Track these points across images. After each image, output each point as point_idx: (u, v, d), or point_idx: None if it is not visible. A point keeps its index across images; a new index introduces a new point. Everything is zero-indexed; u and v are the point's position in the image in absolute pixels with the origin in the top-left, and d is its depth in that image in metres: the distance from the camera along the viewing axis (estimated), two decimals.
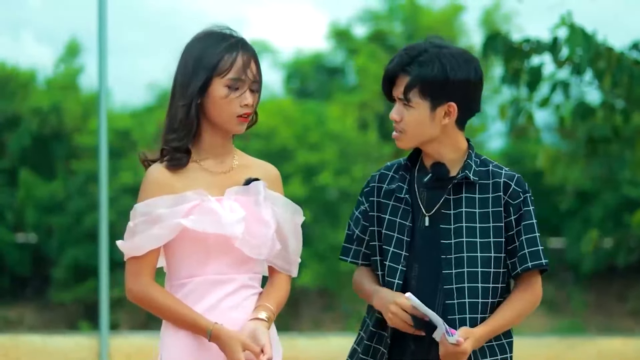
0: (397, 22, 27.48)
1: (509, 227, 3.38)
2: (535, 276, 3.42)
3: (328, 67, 28.54)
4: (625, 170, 9.05)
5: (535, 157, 9.76)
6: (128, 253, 3.32)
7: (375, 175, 3.52)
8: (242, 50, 3.35)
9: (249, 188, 3.36)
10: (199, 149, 3.39)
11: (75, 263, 23.96)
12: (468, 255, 3.35)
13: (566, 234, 25.01)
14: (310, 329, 22.84)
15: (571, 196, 23.43)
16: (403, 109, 3.38)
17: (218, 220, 3.27)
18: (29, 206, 24.73)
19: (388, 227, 3.44)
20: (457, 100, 3.37)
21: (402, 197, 3.42)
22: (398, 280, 3.39)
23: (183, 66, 3.37)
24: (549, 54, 7.12)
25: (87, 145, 24.22)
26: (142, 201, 3.32)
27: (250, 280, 3.36)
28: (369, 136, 24.89)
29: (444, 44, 3.41)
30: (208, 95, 3.33)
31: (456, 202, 3.38)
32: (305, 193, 23.24)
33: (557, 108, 8.02)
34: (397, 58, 3.39)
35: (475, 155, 3.44)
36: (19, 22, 34.32)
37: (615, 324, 24.28)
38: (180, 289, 3.34)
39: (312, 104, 26.27)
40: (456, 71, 3.35)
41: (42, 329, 23.00)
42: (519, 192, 3.39)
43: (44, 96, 25.86)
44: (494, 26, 25.66)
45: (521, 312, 3.40)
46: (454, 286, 3.35)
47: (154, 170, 3.35)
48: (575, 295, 25.28)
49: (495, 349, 3.42)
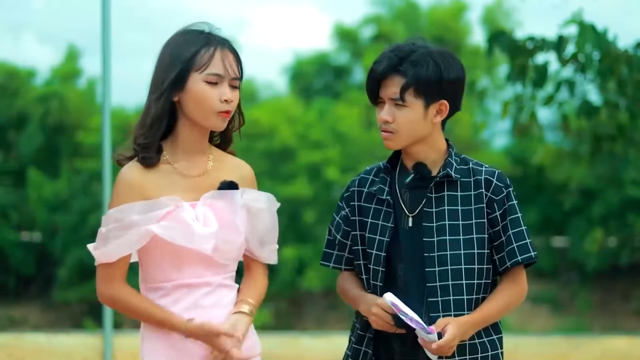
0: (399, 23, 27.50)
1: (494, 223, 3.39)
2: (521, 270, 3.44)
3: (333, 66, 28.57)
4: (629, 170, 9.05)
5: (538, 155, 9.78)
6: (99, 259, 3.30)
7: (355, 180, 3.54)
8: (220, 46, 3.31)
9: (225, 194, 3.32)
10: (174, 147, 3.34)
11: (79, 262, 23.96)
12: (451, 253, 3.36)
13: (570, 232, 24.98)
14: (314, 328, 22.84)
15: (575, 195, 23.41)
16: (394, 109, 3.38)
17: (189, 232, 3.24)
18: (38, 205, 24.74)
19: (371, 230, 3.45)
20: (448, 98, 3.40)
21: (384, 198, 3.43)
22: (380, 283, 3.40)
23: (159, 62, 3.33)
24: (553, 52, 7.11)
25: (90, 144, 24.24)
26: (115, 206, 3.28)
27: (224, 280, 3.36)
28: (373, 135, 24.88)
29: (429, 44, 3.42)
30: (186, 91, 3.28)
31: (438, 200, 3.39)
32: (310, 192, 23.23)
33: (561, 106, 8.00)
34: (384, 59, 3.38)
35: (455, 154, 3.46)
36: (21, 24, 34.37)
37: (620, 323, 24.25)
38: (155, 292, 3.33)
39: (317, 102, 26.27)
40: (449, 70, 3.38)
41: (47, 327, 23.02)
42: (501, 187, 3.40)
43: (46, 90, 25.93)
44: (496, 24, 25.68)
45: (508, 305, 3.42)
46: (438, 284, 3.35)
47: (127, 172, 3.31)
48: (579, 295, 25.25)
49: (487, 344, 3.43)
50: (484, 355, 3.41)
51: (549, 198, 24.72)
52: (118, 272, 3.31)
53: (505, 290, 3.42)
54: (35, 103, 25.62)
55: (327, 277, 22.83)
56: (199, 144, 3.37)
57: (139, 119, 3.34)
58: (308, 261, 22.87)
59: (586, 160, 8.83)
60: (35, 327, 23.21)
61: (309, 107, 26.20)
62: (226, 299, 3.34)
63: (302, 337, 10.44)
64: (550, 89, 7.57)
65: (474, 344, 3.39)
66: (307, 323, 23.22)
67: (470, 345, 3.39)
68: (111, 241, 3.26)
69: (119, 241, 3.25)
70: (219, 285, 3.33)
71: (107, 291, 3.31)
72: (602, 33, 6.68)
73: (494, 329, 3.45)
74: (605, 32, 6.73)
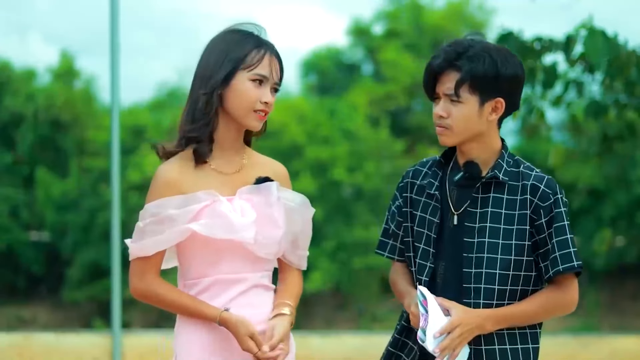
0: (405, 20, 27.62)
1: (540, 229, 3.32)
2: (570, 279, 3.34)
3: (346, 63, 28.61)
4: (638, 169, 9.03)
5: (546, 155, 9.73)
6: (136, 254, 3.33)
7: (410, 171, 3.51)
8: (270, 50, 3.37)
9: (260, 188, 3.36)
10: (213, 142, 3.38)
11: (89, 262, 24.00)
12: (488, 256, 3.30)
13: (578, 232, 24.95)
14: (323, 328, 22.84)
15: (583, 195, 23.38)
16: (450, 105, 3.33)
17: (229, 224, 3.27)
18: (47, 205, 24.78)
19: (419, 223, 3.42)
20: (504, 95, 3.34)
21: (433, 193, 3.40)
22: (425, 278, 3.36)
23: (206, 59, 3.37)
24: (561, 52, 7.10)
25: (99, 143, 24.29)
26: (151, 201, 3.32)
27: (262, 279, 3.38)
28: (380, 133, 24.88)
29: (486, 40, 3.38)
30: (230, 87, 3.33)
31: (483, 201, 3.35)
32: (316, 189, 23.21)
33: (569, 106, 8.00)
34: (442, 54, 3.34)
35: (508, 156, 3.41)
36: (26, 24, 34.44)
37: (629, 323, 24.23)
38: (192, 288, 3.35)
39: (327, 101, 26.30)
40: (506, 66, 3.32)
41: (56, 327, 23.06)
42: (549, 194, 3.33)
43: (49, 89, 26.03)
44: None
45: (544, 309, 3.32)
46: (472, 286, 3.30)
47: (165, 169, 3.35)
48: (588, 294, 25.22)
49: (519, 353, 3.33)
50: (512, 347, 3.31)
51: None
52: (152, 267, 3.33)
53: (543, 294, 3.34)
54: (39, 102, 25.68)
55: (333, 277, 22.82)
56: (235, 142, 3.41)
57: (185, 114, 3.37)
58: (312, 261, 22.88)
59: (594, 160, 8.81)
60: (45, 327, 23.26)
61: (318, 104, 26.22)
62: (262, 299, 3.36)
63: (312, 337, 10.45)
64: (558, 89, 7.56)
65: (504, 350, 3.32)
66: (316, 323, 23.23)
67: (501, 351, 3.31)
68: (148, 236, 3.29)
69: (157, 237, 3.28)
70: (255, 284, 3.35)
71: (140, 285, 3.34)
72: (612, 38, 6.65)
73: (532, 338, 3.36)
74: (616, 36, 6.71)
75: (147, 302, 3.40)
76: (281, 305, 3.36)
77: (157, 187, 3.32)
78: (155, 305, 3.38)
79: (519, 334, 3.33)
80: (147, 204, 3.33)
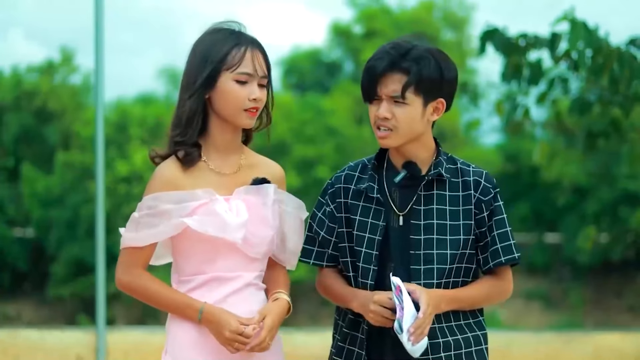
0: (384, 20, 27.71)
1: (481, 223, 3.40)
2: (507, 270, 3.46)
3: (326, 62, 28.62)
4: (622, 165, 9.06)
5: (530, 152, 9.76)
6: (128, 243, 3.34)
7: (340, 176, 3.50)
8: (250, 45, 3.37)
9: (258, 189, 3.39)
10: (208, 146, 3.40)
11: (74, 258, 23.95)
12: (437, 252, 3.36)
13: (563, 229, 25.03)
14: (307, 324, 22.85)
15: (568, 192, 23.45)
16: (393, 106, 3.35)
17: (221, 222, 3.29)
18: (32, 201, 24.72)
19: (359, 228, 3.42)
20: (445, 96, 3.39)
21: (374, 196, 3.41)
22: (371, 281, 3.39)
23: (189, 63, 3.38)
24: (546, 49, 7.12)
25: (82, 137, 24.24)
26: None
27: (255, 279, 3.40)
28: (363, 131, 24.91)
29: (426, 42, 3.40)
30: (216, 89, 3.34)
31: (427, 198, 3.39)
32: (298, 184, 23.22)
33: (553, 103, 8.01)
34: (384, 56, 3.35)
35: (443, 153, 3.45)
36: (9, 22, 34.37)
37: (613, 319, 24.32)
38: (186, 285, 3.36)
39: (310, 97, 26.32)
40: (449, 69, 3.37)
41: (41, 324, 23.00)
42: (489, 188, 3.41)
43: (33, 85, 26.01)
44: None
45: (487, 296, 3.42)
46: (422, 282, 3.34)
47: (163, 168, 3.36)
48: (572, 291, 25.31)
49: (470, 340, 3.42)
50: (467, 351, 3.40)
51: (542, 195, 24.75)
52: (141, 259, 3.35)
53: (485, 282, 3.43)
54: (22, 97, 25.62)
55: (315, 271, 22.85)
56: (232, 142, 3.42)
57: (173, 118, 3.39)
58: None
59: (579, 157, 8.84)
60: (29, 324, 23.21)
61: (301, 102, 26.23)
62: (253, 298, 3.38)
63: (297, 333, 10.45)
64: (542, 86, 7.58)
65: (457, 340, 3.39)
66: (301, 319, 23.25)
67: (454, 340, 3.38)
68: (142, 227, 3.31)
69: (150, 228, 3.30)
70: (248, 283, 3.37)
71: (125, 277, 3.35)
72: (593, 30, 6.71)
73: (478, 326, 3.45)
74: (597, 29, 6.76)
75: (130, 294, 3.41)
76: (277, 294, 3.40)
77: (155, 185, 3.34)
78: (138, 298, 3.39)
79: (465, 325, 3.42)
80: (145, 197, 3.34)
